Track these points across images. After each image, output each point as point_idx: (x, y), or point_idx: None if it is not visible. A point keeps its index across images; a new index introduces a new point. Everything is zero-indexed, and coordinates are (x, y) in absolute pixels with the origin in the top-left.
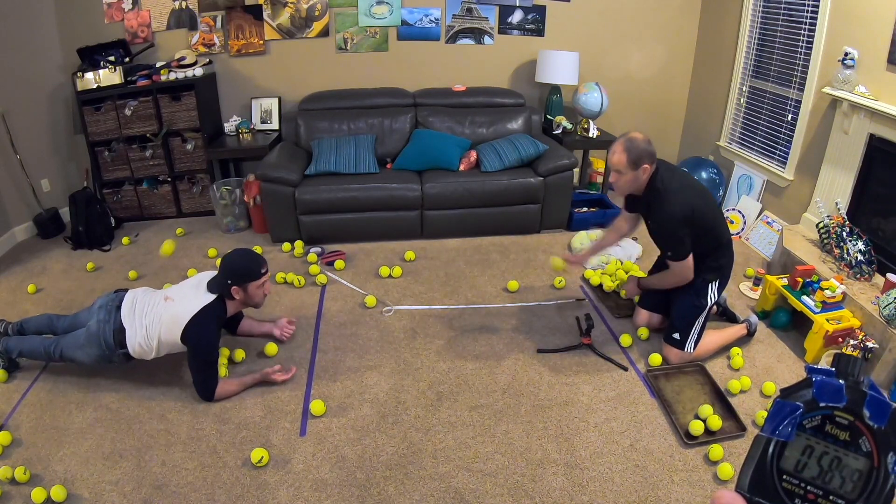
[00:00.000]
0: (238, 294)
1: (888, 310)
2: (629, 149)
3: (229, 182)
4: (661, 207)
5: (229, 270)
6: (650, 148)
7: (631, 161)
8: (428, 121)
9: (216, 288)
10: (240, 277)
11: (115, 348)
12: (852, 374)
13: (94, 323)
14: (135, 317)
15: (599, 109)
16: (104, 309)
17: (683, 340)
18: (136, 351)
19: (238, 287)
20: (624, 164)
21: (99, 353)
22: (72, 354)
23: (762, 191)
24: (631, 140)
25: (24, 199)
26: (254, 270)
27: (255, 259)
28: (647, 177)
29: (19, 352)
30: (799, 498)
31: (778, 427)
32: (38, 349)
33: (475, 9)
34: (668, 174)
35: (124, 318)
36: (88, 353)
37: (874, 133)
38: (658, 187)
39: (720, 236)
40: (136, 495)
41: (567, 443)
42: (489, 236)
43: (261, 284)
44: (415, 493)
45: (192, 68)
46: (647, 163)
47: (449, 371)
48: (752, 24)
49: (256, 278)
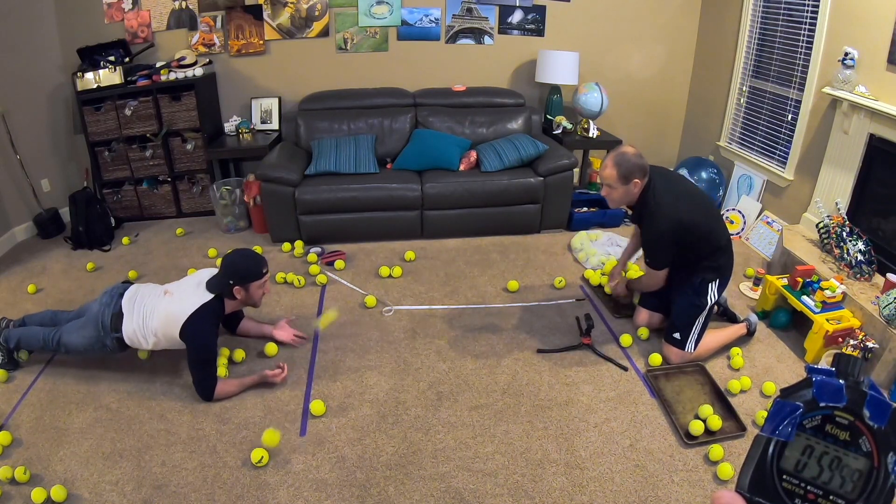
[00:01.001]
0: (240, 294)
1: (888, 310)
2: (619, 163)
3: (229, 182)
4: (650, 221)
5: (231, 271)
6: (641, 162)
7: (621, 176)
8: (428, 121)
9: (216, 287)
10: (242, 278)
11: (109, 331)
12: (852, 374)
13: (96, 305)
14: (133, 305)
15: (599, 109)
16: (108, 294)
17: (684, 340)
18: (130, 338)
19: (240, 287)
20: (615, 179)
21: (94, 335)
22: (68, 339)
23: (762, 191)
24: (622, 154)
25: (24, 199)
26: (255, 271)
27: (257, 259)
28: (638, 190)
29: (18, 340)
30: (799, 498)
31: (778, 427)
32: (37, 338)
33: (475, 9)
34: (662, 185)
35: (124, 304)
36: (84, 335)
37: (874, 133)
38: (649, 201)
39: (717, 240)
40: (136, 495)
41: (567, 443)
42: (489, 236)
43: (262, 284)
44: (415, 493)
45: (192, 68)
46: (637, 177)
47: (449, 371)
48: (752, 24)
49: (258, 278)
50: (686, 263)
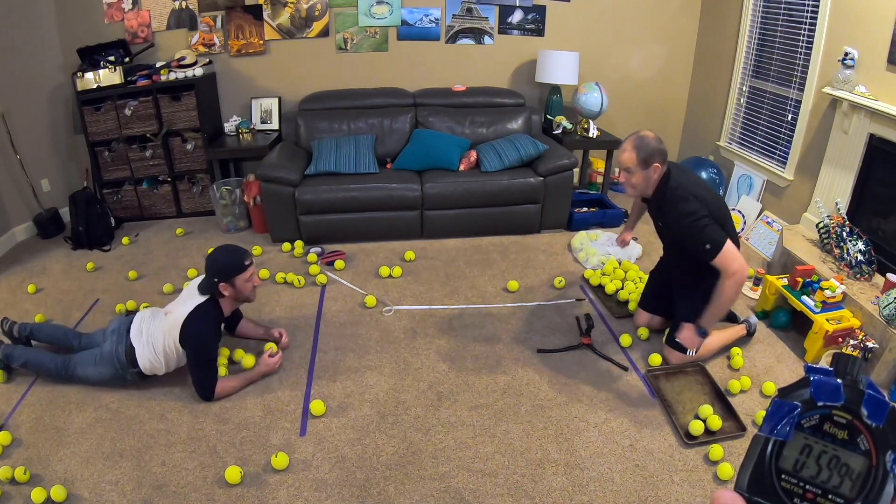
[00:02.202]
0: (227, 290)
1: (888, 310)
2: (639, 146)
3: (229, 182)
4: (675, 206)
5: (213, 269)
6: (661, 146)
7: (641, 160)
8: (428, 121)
9: (206, 288)
10: (224, 274)
11: (127, 367)
12: (851, 373)
13: (108, 344)
14: (142, 335)
15: (599, 109)
16: (116, 332)
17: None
18: (147, 367)
19: (225, 283)
20: (634, 163)
21: (112, 373)
22: (84, 372)
23: (762, 191)
24: (641, 138)
25: (24, 199)
26: (237, 264)
27: (238, 253)
28: (657, 176)
29: (24, 363)
30: (798, 497)
31: (776, 426)
32: (47, 366)
33: (475, 9)
34: (679, 174)
35: (133, 337)
36: (101, 371)
37: (874, 133)
38: (672, 186)
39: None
40: (136, 495)
41: (567, 443)
42: (489, 236)
43: (248, 278)
44: (415, 494)
45: (192, 68)
46: (657, 161)
47: (449, 371)
48: (752, 24)
49: (241, 272)
50: (695, 267)
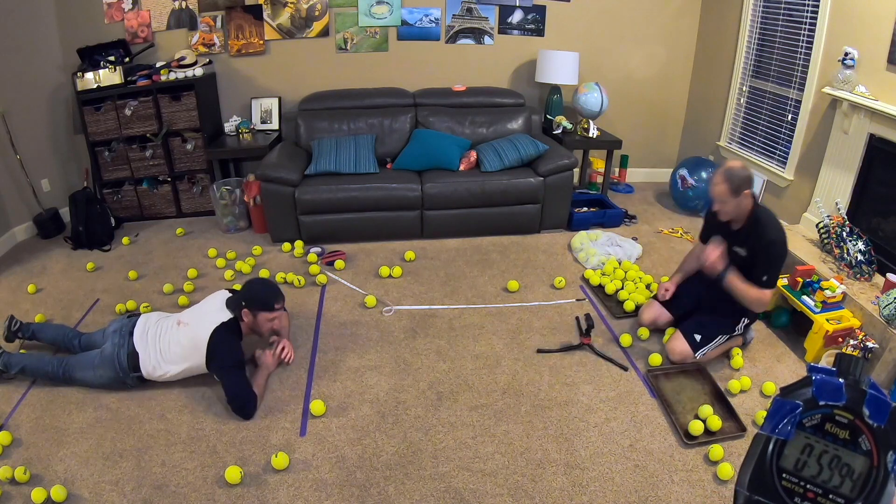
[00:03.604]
0: (247, 317)
1: (888, 310)
2: (729, 177)
3: (229, 182)
4: (768, 233)
5: (247, 294)
6: (748, 174)
7: (733, 189)
8: (428, 121)
9: (233, 307)
10: (253, 302)
11: (128, 371)
12: (853, 373)
13: (108, 346)
14: (147, 341)
15: (599, 109)
16: (118, 333)
17: (701, 345)
18: (150, 373)
19: (248, 311)
20: (727, 194)
21: (113, 376)
22: (81, 375)
23: (762, 191)
24: (729, 169)
25: (24, 199)
26: (268, 302)
27: (273, 292)
28: (749, 203)
29: (22, 369)
30: (798, 496)
31: (777, 425)
32: (43, 369)
33: (475, 9)
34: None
35: (136, 342)
36: (101, 374)
37: (874, 133)
38: (761, 215)
39: None
40: (136, 495)
41: (567, 443)
42: (489, 236)
43: (270, 318)
44: (415, 494)
45: (192, 68)
46: (747, 188)
47: (449, 371)
48: (752, 25)
49: (268, 309)
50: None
